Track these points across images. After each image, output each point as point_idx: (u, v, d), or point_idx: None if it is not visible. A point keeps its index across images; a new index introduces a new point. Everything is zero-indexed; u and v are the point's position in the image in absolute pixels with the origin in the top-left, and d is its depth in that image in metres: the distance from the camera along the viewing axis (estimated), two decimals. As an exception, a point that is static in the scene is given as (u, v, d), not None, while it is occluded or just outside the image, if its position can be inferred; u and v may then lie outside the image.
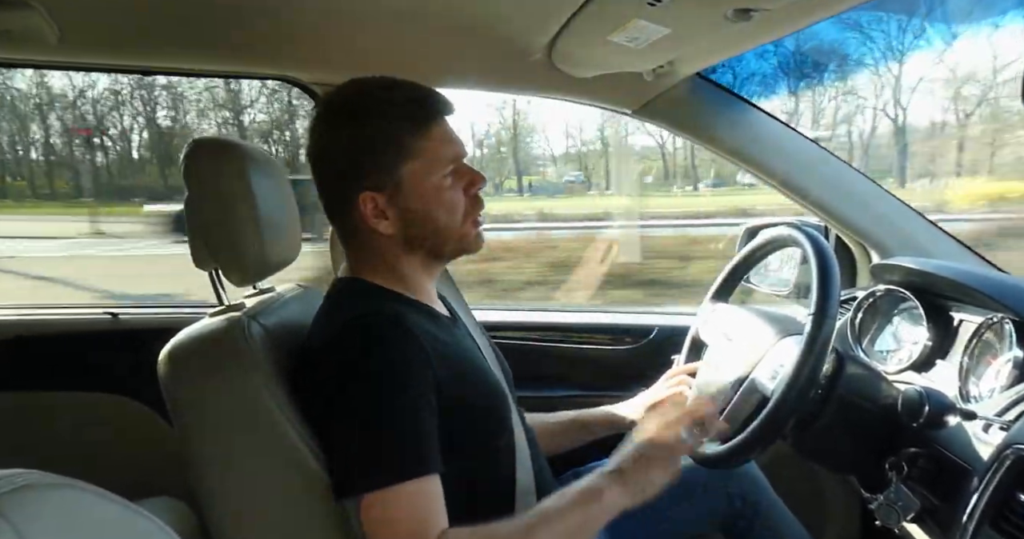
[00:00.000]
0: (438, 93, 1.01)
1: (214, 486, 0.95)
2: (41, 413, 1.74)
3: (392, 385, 0.89)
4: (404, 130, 0.98)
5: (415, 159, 0.98)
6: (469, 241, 1.05)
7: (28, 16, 1.13)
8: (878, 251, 1.55)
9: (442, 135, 1.00)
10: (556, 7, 1.12)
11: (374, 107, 0.99)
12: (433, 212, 1.00)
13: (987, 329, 1.09)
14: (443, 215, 1.01)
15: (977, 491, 0.84)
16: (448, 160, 1.00)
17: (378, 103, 0.99)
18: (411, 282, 1.05)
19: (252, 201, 1.03)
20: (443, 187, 1.00)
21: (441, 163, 1.00)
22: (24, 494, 0.40)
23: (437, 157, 0.99)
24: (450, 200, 1.01)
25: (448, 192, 1.01)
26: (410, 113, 0.98)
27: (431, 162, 0.99)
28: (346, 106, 1.00)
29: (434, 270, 1.09)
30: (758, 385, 1.08)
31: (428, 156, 0.99)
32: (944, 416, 0.93)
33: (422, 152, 0.98)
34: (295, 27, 1.30)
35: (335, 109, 1.01)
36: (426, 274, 1.08)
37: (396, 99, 0.99)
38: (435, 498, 0.88)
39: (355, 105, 1.00)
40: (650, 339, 1.77)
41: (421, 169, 0.99)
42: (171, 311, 2.02)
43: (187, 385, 0.96)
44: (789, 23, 1.09)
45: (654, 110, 1.57)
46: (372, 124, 0.98)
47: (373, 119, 0.98)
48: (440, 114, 1.01)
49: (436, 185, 1.00)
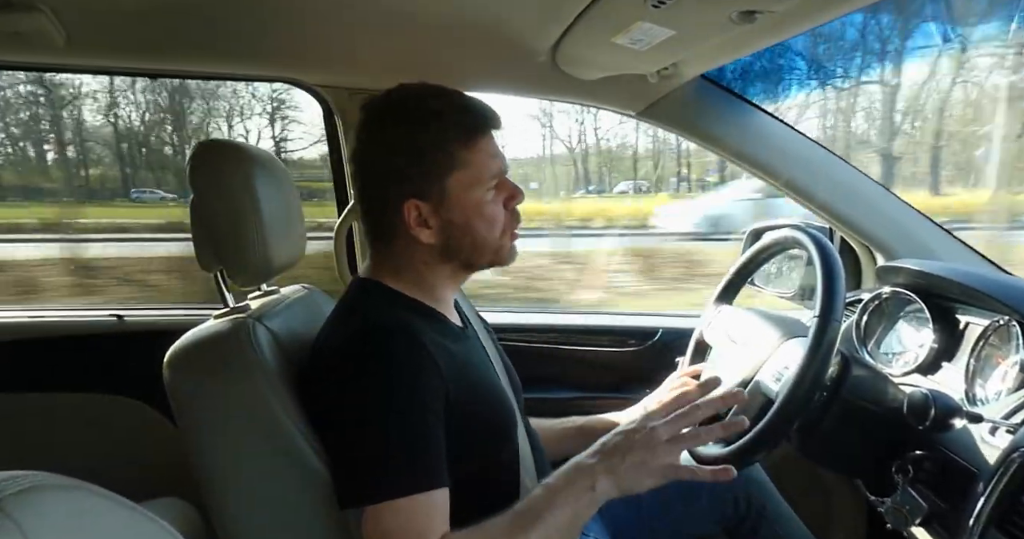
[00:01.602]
0: (488, 106, 1.02)
1: (219, 487, 0.96)
2: (47, 415, 1.74)
3: (401, 396, 0.89)
4: (454, 140, 0.98)
5: (462, 170, 0.98)
6: (504, 254, 1.05)
7: (35, 19, 1.14)
8: (883, 253, 1.54)
9: (488, 148, 1.01)
10: (560, 10, 1.12)
11: (427, 114, 0.98)
12: (474, 225, 1.00)
13: (993, 331, 1.08)
14: (483, 228, 1.01)
15: (983, 494, 0.84)
16: (493, 174, 1.01)
17: (430, 111, 0.98)
18: (434, 291, 1.05)
19: (256, 203, 1.03)
20: (486, 200, 1.01)
21: (486, 176, 1.00)
22: (30, 495, 0.40)
23: (483, 170, 1.00)
24: (491, 214, 1.01)
25: (490, 206, 1.01)
26: (461, 123, 0.98)
27: (477, 174, 0.99)
28: (397, 111, 1.00)
29: (461, 280, 1.10)
30: (763, 387, 1.08)
31: (475, 168, 0.99)
32: (950, 419, 0.93)
33: (469, 164, 0.99)
34: (300, 30, 1.30)
35: (384, 113, 1.00)
36: (452, 284, 1.08)
37: (448, 107, 0.98)
38: (440, 511, 0.88)
39: (406, 111, 0.99)
40: (654, 341, 1.77)
41: (467, 180, 0.99)
42: (176, 313, 2.02)
43: (192, 387, 0.96)
44: (794, 25, 1.09)
45: (658, 112, 1.57)
46: (424, 131, 0.97)
47: (425, 126, 0.97)
48: (489, 127, 1.01)
49: (479, 198, 1.00)
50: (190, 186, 1.05)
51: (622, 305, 5.75)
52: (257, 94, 6.87)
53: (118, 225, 7.75)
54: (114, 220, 7.88)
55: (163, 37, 1.34)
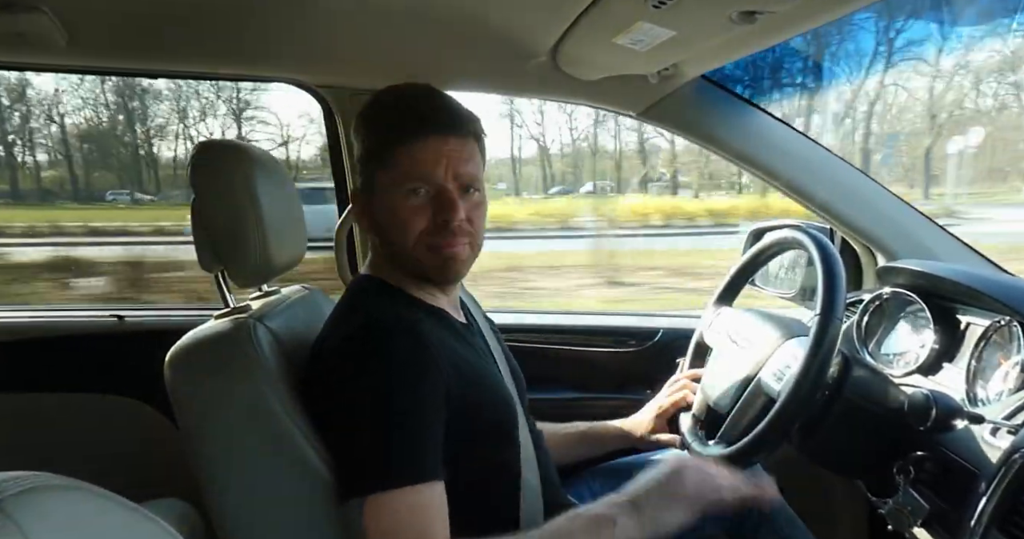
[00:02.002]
0: (451, 112, 0.99)
1: (219, 487, 0.96)
2: (47, 415, 1.74)
3: (402, 391, 0.89)
4: (392, 137, 0.98)
5: (389, 169, 0.98)
6: (424, 266, 1.01)
7: (37, 19, 1.14)
8: (884, 254, 1.54)
9: (424, 153, 0.97)
10: (561, 10, 1.12)
11: (379, 111, 1.01)
12: (387, 227, 1.01)
13: (994, 332, 1.08)
14: (394, 232, 1.00)
15: (985, 495, 0.84)
16: (416, 178, 0.97)
17: (383, 108, 1.01)
18: (426, 286, 1.05)
19: (257, 204, 1.03)
20: (401, 205, 0.98)
21: (407, 179, 0.97)
22: (31, 496, 0.40)
23: (405, 172, 0.97)
24: (403, 219, 0.98)
25: (405, 211, 0.98)
26: (400, 123, 0.98)
27: (399, 176, 0.98)
28: (367, 107, 1.03)
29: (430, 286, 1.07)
30: (764, 387, 1.08)
31: (399, 169, 0.97)
32: (951, 419, 0.93)
33: (395, 164, 0.98)
34: (302, 31, 1.30)
35: (365, 108, 1.04)
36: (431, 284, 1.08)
37: (399, 107, 1.00)
38: (438, 506, 0.88)
39: (370, 106, 1.03)
40: (655, 341, 1.77)
41: (389, 180, 0.99)
42: (177, 313, 2.02)
43: (193, 387, 0.96)
44: (794, 25, 1.09)
45: (659, 112, 1.57)
46: (371, 127, 1.01)
47: (374, 123, 1.00)
48: (433, 131, 0.97)
49: (395, 200, 0.98)
50: (191, 186, 1.05)
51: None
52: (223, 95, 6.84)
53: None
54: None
55: (164, 38, 1.34)
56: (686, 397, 1.32)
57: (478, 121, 1.04)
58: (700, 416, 1.25)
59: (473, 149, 1.02)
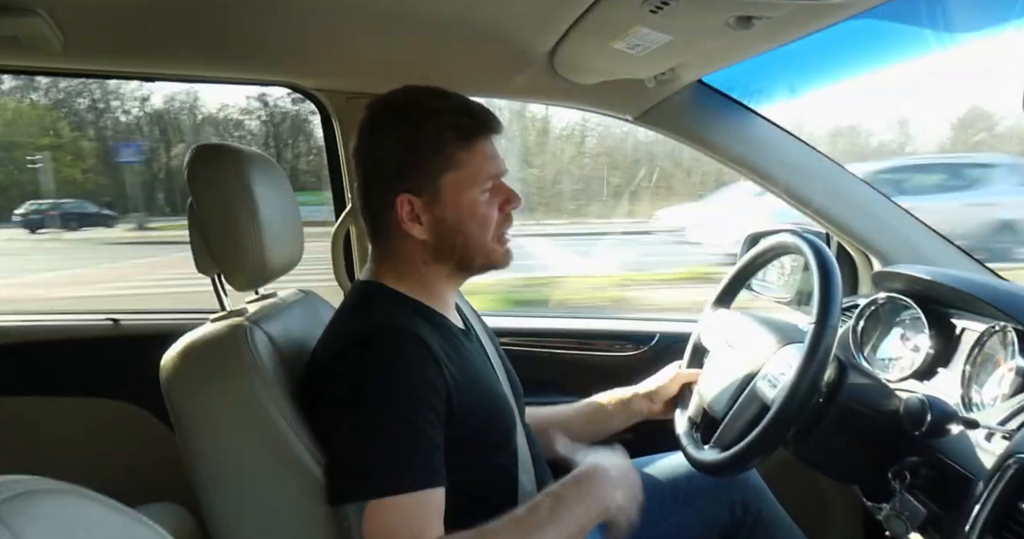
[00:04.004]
0: (488, 110, 1.04)
1: (215, 491, 0.95)
2: (42, 419, 1.74)
3: (403, 394, 0.89)
4: (451, 140, 0.99)
5: (457, 170, 1.00)
6: (497, 257, 1.06)
7: (33, 22, 1.14)
8: (880, 259, 1.55)
9: (486, 150, 1.02)
10: (558, 14, 1.12)
11: (426, 114, 1.00)
12: (465, 224, 1.02)
13: (989, 337, 1.08)
14: (475, 229, 1.02)
15: (980, 500, 0.84)
16: (488, 176, 1.02)
17: (430, 110, 1.00)
18: (433, 290, 1.06)
19: (254, 206, 1.03)
20: (479, 201, 1.02)
21: (481, 178, 1.01)
22: (25, 500, 0.40)
23: (479, 171, 1.01)
24: (484, 215, 1.02)
25: (483, 207, 1.02)
26: (460, 124, 1.00)
27: (472, 175, 1.01)
28: (398, 110, 1.02)
29: (458, 282, 1.10)
30: (759, 393, 1.08)
31: (470, 169, 1.00)
32: (946, 424, 0.93)
33: (465, 164, 1.00)
34: (299, 34, 1.30)
35: (386, 112, 1.03)
36: (449, 285, 1.09)
37: (448, 109, 1.00)
38: (436, 510, 0.88)
39: (407, 110, 1.01)
40: (651, 345, 1.77)
41: (461, 181, 1.00)
42: (173, 317, 2.02)
43: (189, 390, 0.96)
44: (791, 31, 1.10)
45: (656, 117, 1.57)
46: (422, 130, 0.99)
47: (424, 125, 0.99)
48: (488, 130, 1.02)
49: (473, 198, 1.01)
50: (188, 188, 1.05)
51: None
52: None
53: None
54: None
55: (161, 41, 1.34)
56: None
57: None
58: (696, 419, 1.25)
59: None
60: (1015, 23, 1.56)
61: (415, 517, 0.86)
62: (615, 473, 1.00)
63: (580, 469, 1.00)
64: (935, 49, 1.73)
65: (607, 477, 0.99)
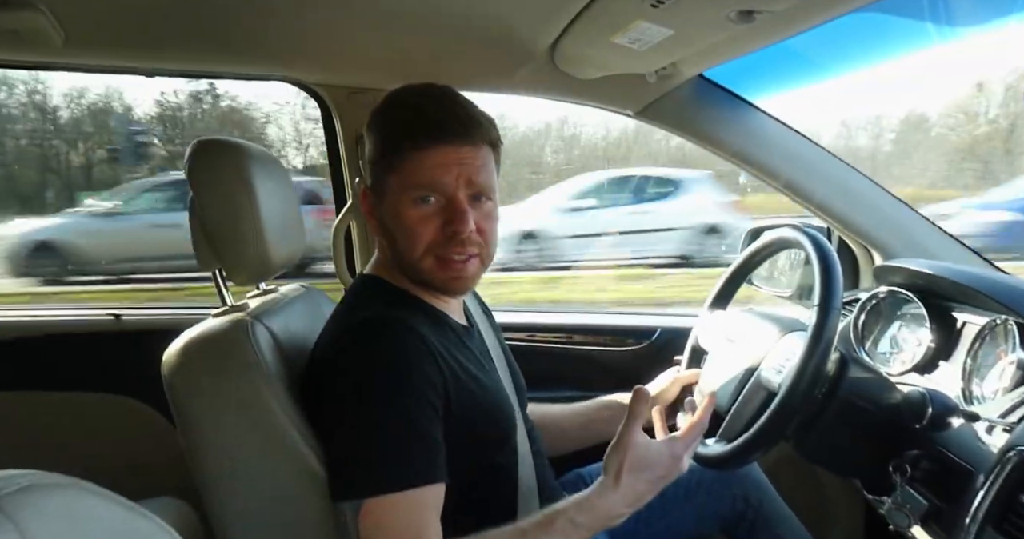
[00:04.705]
0: (466, 118, 0.97)
1: (216, 486, 0.96)
2: (44, 413, 1.74)
3: (402, 390, 0.89)
4: (399, 141, 0.96)
5: (399, 174, 0.97)
6: (431, 277, 0.99)
7: (33, 17, 1.14)
8: (881, 253, 1.55)
9: (433, 159, 0.95)
10: (559, 9, 1.12)
11: (392, 111, 1.00)
12: (394, 232, 1.00)
13: (990, 331, 1.08)
14: (400, 239, 0.99)
15: (980, 493, 0.84)
16: (423, 186, 0.95)
17: (397, 108, 0.99)
18: (427, 287, 1.05)
19: (255, 201, 1.03)
20: (409, 211, 0.96)
21: (416, 186, 0.95)
22: (28, 494, 0.40)
23: (413, 179, 0.95)
24: (410, 226, 0.96)
25: (412, 218, 0.96)
26: (412, 127, 0.95)
27: (408, 182, 0.96)
28: (381, 105, 1.02)
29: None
30: (764, 381, 1.08)
31: (408, 175, 0.96)
32: (947, 418, 0.93)
33: (405, 169, 0.96)
34: (300, 29, 1.30)
35: (382, 104, 1.03)
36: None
37: (413, 109, 0.97)
38: (435, 506, 0.88)
39: (385, 105, 1.01)
40: (652, 341, 1.77)
41: (399, 185, 0.97)
42: (174, 312, 2.02)
43: (191, 385, 0.96)
44: (793, 25, 1.09)
45: (657, 112, 1.57)
46: (384, 127, 0.99)
47: (393, 121, 0.99)
48: (446, 138, 0.95)
49: (404, 207, 0.97)
50: (188, 183, 1.05)
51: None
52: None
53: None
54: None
55: (162, 36, 1.33)
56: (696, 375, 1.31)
57: (494, 127, 1.01)
58: None
59: (487, 157, 0.99)
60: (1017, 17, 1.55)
61: (413, 514, 0.86)
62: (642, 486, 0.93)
63: (599, 489, 0.93)
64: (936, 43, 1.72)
65: (628, 495, 0.92)
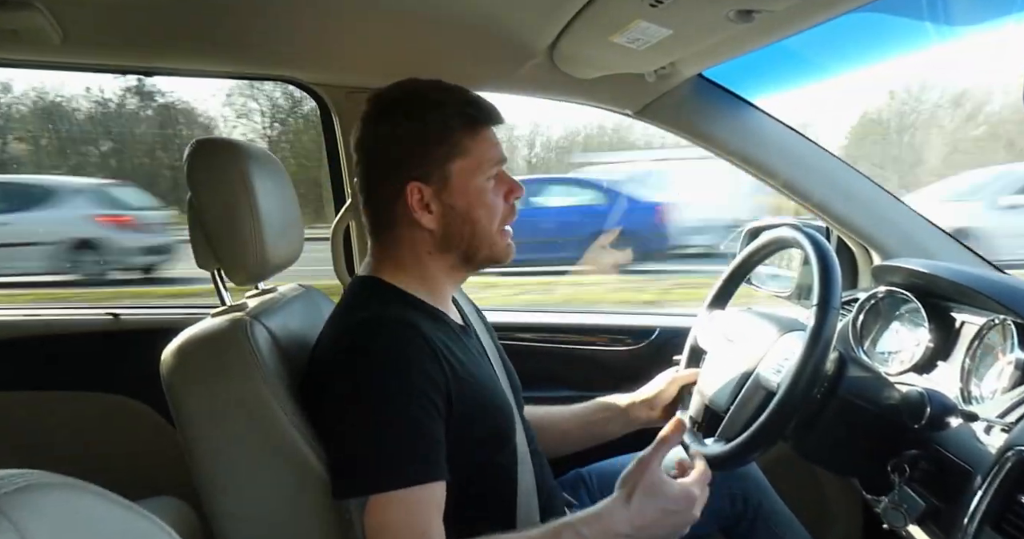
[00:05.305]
0: (489, 101, 1.05)
1: (215, 485, 0.96)
2: (43, 413, 1.74)
3: (403, 388, 0.89)
4: (458, 128, 1.00)
5: (465, 157, 1.01)
6: (500, 249, 1.07)
7: (31, 17, 1.14)
8: (880, 252, 1.55)
9: (490, 139, 1.04)
10: (558, 8, 1.12)
11: (432, 103, 1.01)
12: (474, 212, 1.02)
13: (989, 330, 1.08)
14: (483, 217, 1.03)
15: (979, 492, 0.84)
16: (493, 163, 1.03)
17: (435, 100, 1.01)
18: (433, 285, 1.06)
19: (254, 201, 1.03)
20: (486, 189, 1.03)
21: (487, 165, 1.03)
22: (26, 494, 0.40)
23: (485, 159, 1.02)
24: (491, 203, 1.04)
25: (490, 195, 1.04)
26: (465, 113, 1.01)
27: (479, 163, 1.02)
28: (404, 100, 1.03)
29: (459, 277, 1.10)
30: (763, 380, 1.08)
31: (477, 156, 1.02)
32: (946, 418, 0.93)
33: (471, 152, 1.01)
34: (297, 28, 1.30)
35: (392, 103, 1.03)
36: (450, 280, 1.08)
37: (453, 98, 1.02)
38: (438, 504, 0.88)
39: (413, 100, 1.02)
40: (651, 340, 1.77)
41: (469, 168, 1.01)
42: (173, 311, 2.02)
43: (189, 385, 0.96)
44: (792, 24, 1.09)
45: (656, 111, 1.57)
46: (429, 118, 1.00)
47: (431, 113, 1.00)
48: (492, 119, 1.04)
49: (480, 186, 1.02)
50: (187, 183, 1.05)
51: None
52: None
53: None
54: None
55: (160, 35, 1.33)
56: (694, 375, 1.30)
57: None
58: (697, 418, 1.24)
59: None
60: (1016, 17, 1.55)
61: (417, 511, 0.86)
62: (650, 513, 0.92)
63: (609, 503, 0.92)
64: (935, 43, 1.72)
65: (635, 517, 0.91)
